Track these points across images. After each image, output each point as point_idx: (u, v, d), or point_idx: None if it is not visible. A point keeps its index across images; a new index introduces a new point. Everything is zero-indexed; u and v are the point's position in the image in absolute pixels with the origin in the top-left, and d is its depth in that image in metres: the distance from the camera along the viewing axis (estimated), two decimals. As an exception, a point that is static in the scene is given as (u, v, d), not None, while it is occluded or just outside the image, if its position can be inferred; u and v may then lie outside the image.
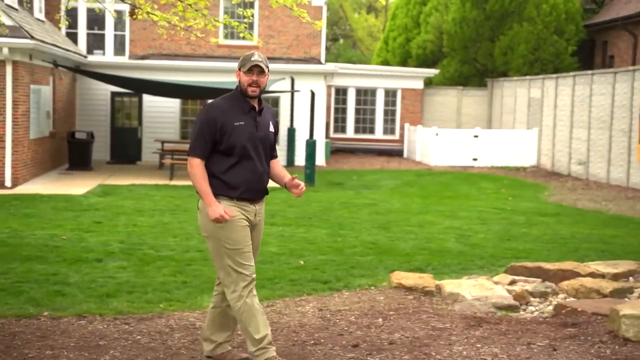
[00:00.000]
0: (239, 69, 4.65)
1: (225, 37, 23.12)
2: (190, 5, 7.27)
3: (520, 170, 23.42)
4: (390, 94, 27.93)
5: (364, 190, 17.09)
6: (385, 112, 27.97)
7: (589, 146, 20.93)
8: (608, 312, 5.56)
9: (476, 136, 24.43)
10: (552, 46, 27.60)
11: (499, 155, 24.20)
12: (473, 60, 29.41)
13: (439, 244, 10.15)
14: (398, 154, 27.51)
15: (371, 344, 5.29)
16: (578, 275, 7.51)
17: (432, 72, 28.52)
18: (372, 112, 27.94)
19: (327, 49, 38.65)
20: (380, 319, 6.01)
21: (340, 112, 28.02)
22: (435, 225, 11.91)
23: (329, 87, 26.41)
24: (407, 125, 27.53)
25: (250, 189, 4.66)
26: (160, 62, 22.60)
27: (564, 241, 10.60)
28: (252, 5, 23.55)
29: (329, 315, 6.17)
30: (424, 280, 7.27)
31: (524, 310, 6.61)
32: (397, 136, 27.99)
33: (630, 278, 7.82)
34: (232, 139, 4.58)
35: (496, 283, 7.27)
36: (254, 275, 4.65)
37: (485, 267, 8.58)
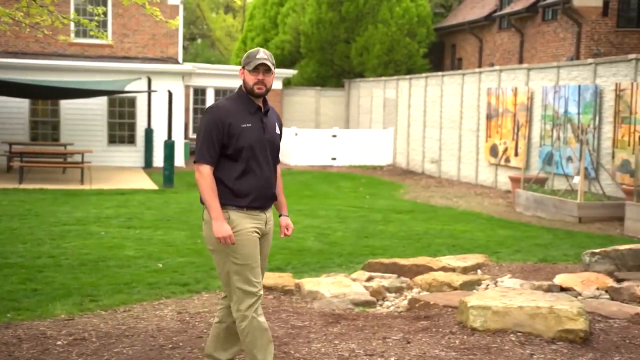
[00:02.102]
0: (243, 67, 4.31)
1: (77, 35, 22.29)
2: (34, 0, 6.94)
3: (377, 169, 24.06)
4: (249, 94, 27.90)
5: (223, 191, 16.98)
6: (245, 113, 27.91)
7: (441, 145, 21.80)
8: (458, 304, 5.80)
9: (334, 136, 24.86)
10: (405, 48, 28.53)
11: (357, 154, 24.74)
12: (330, 61, 29.91)
13: (299, 243, 10.24)
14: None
15: (230, 346, 5.26)
16: (431, 269, 7.81)
17: (290, 72, 28.75)
18: (232, 112, 27.81)
19: (184, 48, 38.14)
20: (240, 320, 5.99)
21: (200, 112, 27.72)
22: (295, 224, 11.96)
23: (187, 87, 26.06)
24: (266, 125, 27.58)
25: (260, 196, 4.32)
26: (5, 60, 21.46)
27: (418, 237, 10.98)
28: (104, 3, 22.86)
29: (188, 318, 6.09)
30: (284, 279, 7.32)
31: (381, 305, 6.80)
32: (256, 136, 28.00)
33: (479, 271, 8.21)
34: (240, 142, 4.24)
35: (354, 280, 7.43)
36: (261, 292, 4.31)
37: (343, 265, 8.74)
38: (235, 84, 27.53)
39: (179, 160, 22.50)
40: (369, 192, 17.49)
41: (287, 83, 29.78)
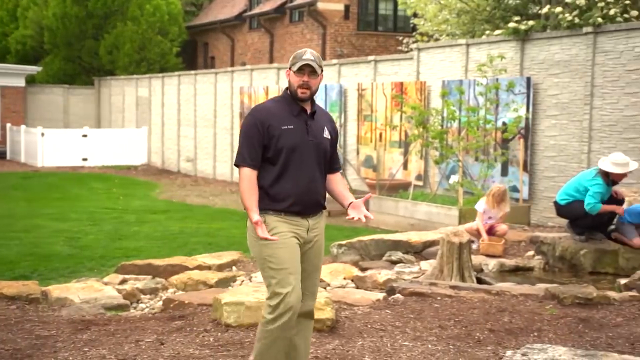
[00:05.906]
0: (289, 68, 4.11)
1: None
2: None
3: (132, 168, 23.52)
4: (-11, 92, 26.02)
5: (-39, 197, 15.70)
6: (-16, 112, 26.00)
7: (196, 144, 21.79)
8: (212, 301, 5.84)
9: (85, 136, 23.93)
10: (157, 46, 28.16)
11: (110, 154, 24.01)
12: (78, 58, 28.76)
13: (47, 248, 9.75)
14: (1, 156, 25.79)
15: (-35, 364, 4.88)
16: (187, 269, 7.80)
17: (34, 69, 27.27)
18: (-31, 111, 25.77)
19: None
20: (-22, 335, 5.56)
21: None
22: (42, 229, 11.41)
23: None
24: (9, 125, 25.92)
25: (300, 202, 4.10)
26: None
27: (174, 237, 10.90)
28: None
29: None
30: (29, 287, 6.90)
31: (135, 308, 6.67)
32: (-2, 137, 26.21)
33: (234, 267, 8.32)
34: (280, 143, 4.05)
35: (106, 284, 7.23)
36: (299, 301, 4.03)
37: (95, 269, 8.47)
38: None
39: None
40: (123, 193, 17.05)
41: (31, 80, 28.18)
